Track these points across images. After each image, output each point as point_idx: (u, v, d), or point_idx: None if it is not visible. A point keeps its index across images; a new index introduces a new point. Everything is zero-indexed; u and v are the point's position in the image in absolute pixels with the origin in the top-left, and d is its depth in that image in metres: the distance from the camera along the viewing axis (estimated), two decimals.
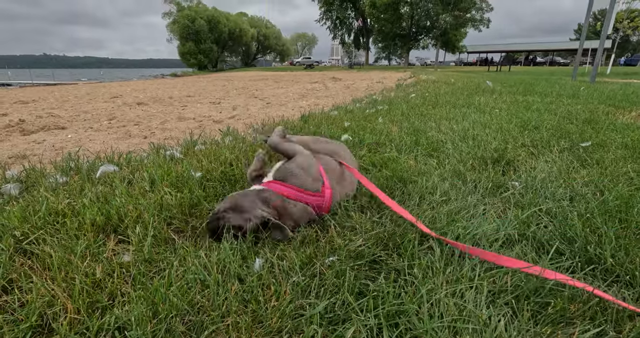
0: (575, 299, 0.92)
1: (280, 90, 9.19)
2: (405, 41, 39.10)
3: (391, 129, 2.84)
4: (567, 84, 6.89)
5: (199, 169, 1.76)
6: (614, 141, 2.26)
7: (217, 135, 2.68)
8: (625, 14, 17.90)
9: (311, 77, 18.38)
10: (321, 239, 1.27)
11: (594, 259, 1.09)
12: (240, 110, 4.89)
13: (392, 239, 1.24)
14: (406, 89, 6.22)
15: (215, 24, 49.90)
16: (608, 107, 3.62)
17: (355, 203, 1.54)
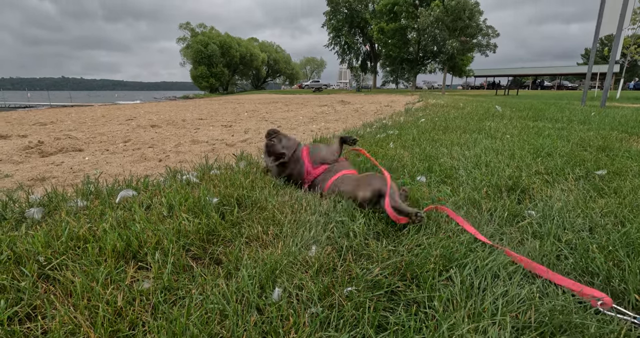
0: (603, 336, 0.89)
1: (290, 114, 9.36)
2: (413, 65, 39.86)
3: (403, 154, 2.86)
4: (577, 109, 6.90)
5: (215, 194, 1.79)
6: (630, 169, 2.24)
7: (231, 159, 2.73)
8: (632, 39, 18.11)
9: (320, 100, 18.72)
10: (338, 268, 1.26)
11: (618, 294, 1.06)
12: (252, 133, 4.98)
13: (409, 269, 1.23)
14: (415, 113, 6.29)
15: (227, 48, 51.73)
16: (621, 134, 3.61)
17: (371, 230, 1.54)
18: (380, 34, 38.84)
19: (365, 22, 46.35)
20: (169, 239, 1.30)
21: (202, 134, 5.30)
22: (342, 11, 47.38)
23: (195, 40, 50.17)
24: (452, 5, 28.88)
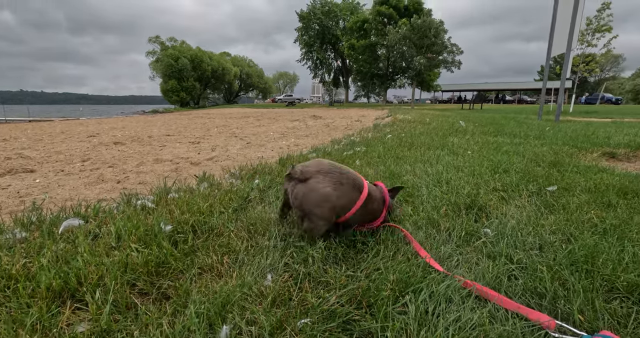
0: None
1: (261, 129, 9.31)
2: (383, 80, 41.05)
3: (367, 172, 2.88)
4: (534, 124, 7.30)
5: (170, 220, 1.71)
6: (578, 184, 2.36)
7: (192, 181, 2.65)
8: (580, 58, 19.59)
9: (292, 114, 18.80)
10: (294, 298, 1.23)
11: (564, 315, 1.09)
12: (220, 151, 4.89)
13: (366, 296, 1.21)
14: (383, 128, 6.43)
15: (198, 62, 51.24)
16: (572, 149, 3.83)
17: (330, 253, 1.52)
18: (351, 50, 39.91)
19: (337, 39, 47.52)
20: (112, 274, 1.22)
21: (167, 151, 5.14)
22: (313, 27, 48.37)
23: (166, 54, 49.38)
24: (418, 24, 30.20)
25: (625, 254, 1.40)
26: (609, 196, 2.11)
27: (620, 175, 2.61)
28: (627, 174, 2.66)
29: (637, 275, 1.24)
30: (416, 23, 30.31)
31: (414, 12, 36.74)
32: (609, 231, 1.59)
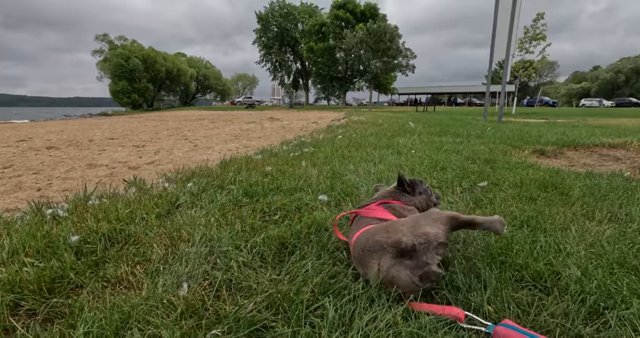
0: None
1: (214, 131, 9.02)
2: (342, 83, 41.73)
3: (311, 173, 2.85)
4: (479, 124, 7.72)
5: (82, 229, 1.55)
6: (506, 180, 2.49)
7: (121, 186, 2.46)
8: (520, 64, 21.17)
9: (250, 116, 18.49)
10: (209, 307, 1.14)
11: (476, 307, 1.11)
12: (163, 154, 4.63)
13: (285, 300, 1.16)
14: (336, 130, 6.47)
15: (151, 63, 48.91)
16: (506, 147, 4.07)
17: (257, 257, 1.45)
18: (310, 52, 40.15)
19: (296, 41, 47.61)
20: None
21: (105, 156, 4.79)
22: (272, 29, 48.10)
23: (115, 54, 46.58)
24: (374, 28, 31.07)
25: (537, 244, 1.47)
26: (531, 190, 2.24)
27: (544, 171, 2.80)
28: (550, 169, 2.86)
29: (544, 264, 1.30)
30: (372, 27, 31.16)
31: (370, 17, 37.76)
32: (526, 223, 1.67)
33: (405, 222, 1.22)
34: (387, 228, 1.22)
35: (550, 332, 0.99)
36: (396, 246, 1.13)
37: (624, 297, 1.08)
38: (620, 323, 1.00)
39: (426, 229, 1.12)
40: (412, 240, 1.10)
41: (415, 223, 1.18)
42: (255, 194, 2.24)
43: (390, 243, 1.14)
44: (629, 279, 1.18)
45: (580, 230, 1.64)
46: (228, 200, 2.11)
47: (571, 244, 1.47)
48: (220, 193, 2.22)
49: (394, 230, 1.18)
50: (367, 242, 1.22)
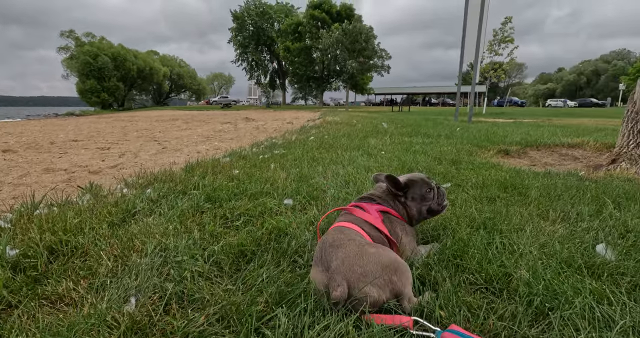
0: None
1: (186, 132, 8.79)
2: (319, 83, 41.79)
3: (279, 175, 2.82)
4: (448, 125, 7.90)
5: (23, 242, 1.45)
6: (469, 180, 2.55)
7: (72, 193, 2.33)
8: (490, 65, 21.91)
9: (225, 117, 18.17)
10: (156, 323, 1.09)
11: (428, 313, 1.11)
12: (129, 157, 4.46)
13: (237, 312, 1.12)
14: (309, 131, 6.45)
15: (121, 61, 47.13)
16: (473, 147, 4.17)
17: (214, 266, 1.40)
18: (287, 52, 39.95)
19: (272, 40, 47.22)
20: None
21: (66, 159, 4.55)
22: (248, 28, 47.49)
23: (82, 51, 44.56)
24: (349, 29, 31.28)
25: (493, 246, 1.50)
26: (492, 191, 2.29)
27: (506, 171, 2.88)
28: (512, 170, 2.95)
29: (497, 266, 1.33)
30: (347, 28, 31.37)
31: (345, 18, 38.01)
32: (482, 224, 1.70)
33: (373, 270, 1.07)
34: (361, 257, 1.10)
35: (497, 335, 1.01)
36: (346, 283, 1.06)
37: (568, 297, 1.11)
38: (563, 324, 1.03)
39: (373, 292, 1.04)
40: (353, 292, 1.04)
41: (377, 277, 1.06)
42: (218, 199, 2.18)
43: (347, 278, 1.06)
44: (574, 279, 1.22)
45: (534, 230, 1.69)
46: (189, 206, 2.04)
47: (525, 245, 1.51)
48: (182, 199, 2.15)
49: (361, 271, 1.07)
50: (338, 252, 1.13)
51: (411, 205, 1.50)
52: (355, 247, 1.13)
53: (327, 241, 1.21)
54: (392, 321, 1.02)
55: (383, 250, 1.14)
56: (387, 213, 1.44)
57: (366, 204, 1.44)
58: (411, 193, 1.50)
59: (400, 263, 1.11)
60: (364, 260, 1.08)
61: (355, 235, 1.25)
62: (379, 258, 1.09)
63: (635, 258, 1.37)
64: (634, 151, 3.06)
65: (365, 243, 1.17)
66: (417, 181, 1.52)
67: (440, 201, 1.52)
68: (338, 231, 1.26)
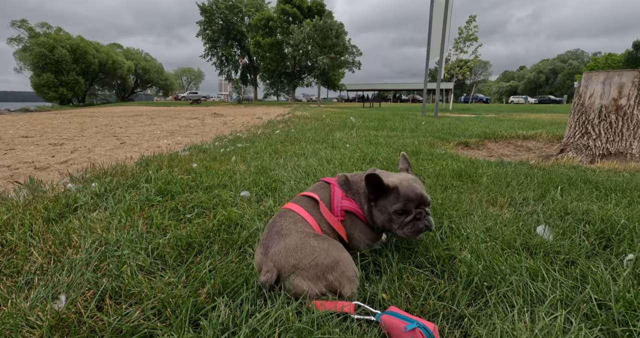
0: None
1: (149, 128, 8.45)
2: (291, 79, 41.47)
3: (239, 168, 2.75)
4: (415, 119, 8.08)
5: None
6: (426, 170, 2.60)
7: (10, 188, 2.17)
8: (455, 63, 22.59)
9: (193, 112, 17.64)
10: (85, 319, 1.02)
11: (371, 296, 1.11)
12: (81, 152, 4.21)
13: (175, 305, 1.08)
14: (276, 125, 6.37)
15: (81, 54, 44.52)
16: (434, 139, 4.28)
17: (159, 259, 1.34)
18: (257, 47, 39.29)
19: (242, 35, 46.29)
20: None
21: (11, 156, 4.24)
22: (217, 22, 46.27)
23: (36, 43, 41.64)
24: (320, 25, 31.20)
25: (442, 230, 1.53)
26: (447, 179, 2.35)
27: (462, 161, 2.97)
28: (468, 160, 3.04)
29: (443, 249, 1.35)
30: (318, 23, 31.28)
31: (316, 13, 37.89)
32: (432, 210, 1.73)
33: (307, 265, 1.05)
34: (300, 250, 1.07)
35: (436, 314, 1.02)
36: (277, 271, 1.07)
37: (505, 276, 1.15)
38: (499, 301, 1.06)
39: (303, 285, 1.04)
40: (285, 282, 1.06)
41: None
42: (170, 192, 2.10)
43: (279, 267, 1.07)
44: (512, 258, 1.27)
45: (482, 215, 1.74)
46: (138, 200, 1.95)
47: (472, 229, 1.55)
48: (130, 193, 2.05)
49: (295, 263, 1.06)
50: (283, 241, 1.11)
51: (376, 215, 1.26)
52: (298, 239, 1.11)
53: (275, 226, 1.19)
54: (334, 307, 1.01)
55: (328, 246, 1.09)
56: (351, 214, 1.28)
57: (338, 195, 1.29)
58: (382, 202, 1.23)
59: (341, 263, 1.06)
60: (302, 253, 1.06)
61: (304, 226, 1.18)
62: (317, 254, 1.06)
63: (571, 237, 1.45)
64: (580, 141, 3.25)
65: (311, 235, 1.13)
66: (394, 192, 1.21)
67: (407, 232, 1.22)
68: (290, 218, 1.20)
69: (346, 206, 1.27)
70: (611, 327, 0.94)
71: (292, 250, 1.07)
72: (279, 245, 1.10)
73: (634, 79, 2.97)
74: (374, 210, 1.26)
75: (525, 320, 0.98)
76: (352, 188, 1.32)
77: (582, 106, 3.28)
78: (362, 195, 1.29)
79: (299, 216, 1.21)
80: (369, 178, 1.19)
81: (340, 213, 1.26)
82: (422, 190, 1.24)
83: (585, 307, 1.02)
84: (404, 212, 1.20)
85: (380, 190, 1.22)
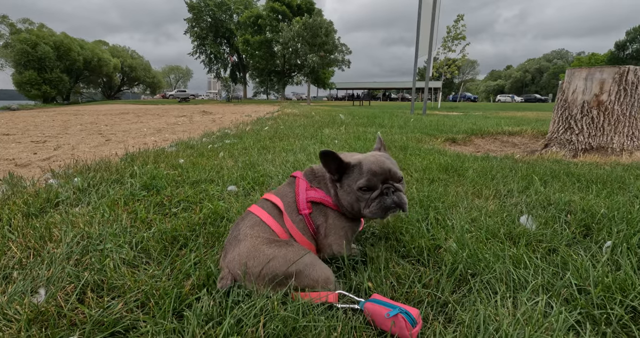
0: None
1: (136, 125, 8.32)
2: (280, 77, 41.31)
3: (227, 163, 2.73)
4: (404, 117, 8.13)
5: None
6: (414, 164, 2.62)
7: None
8: (444, 62, 22.80)
9: (182, 110, 17.42)
10: (65, 313, 1.00)
11: (357, 285, 1.11)
12: (65, 149, 4.12)
13: (159, 297, 1.06)
14: (265, 122, 6.34)
15: (65, 51, 43.49)
16: (423, 136, 4.31)
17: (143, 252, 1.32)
18: (246, 45, 39.00)
19: (231, 33, 45.86)
20: None
21: None
22: (205, 19, 45.72)
23: (19, 39, 40.52)
24: (309, 23, 31.14)
25: (427, 221, 1.54)
26: (434, 173, 2.37)
27: (449, 156, 3.00)
28: (455, 155, 3.08)
29: (428, 239, 1.36)
30: (308, 21, 31.21)
31: (306, 11, 37.78)
32: (419, 202, 1.75)
33: (260, 272, 1.02)
34: (253, 258, 1.04)
35: (421, 301, 1.03)
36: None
37: (489, 263, 1.17)
38: (483, 287, 1.08)
39: (262, 292, 1.02)
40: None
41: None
42: (156, 187, 2.07)
43: (234, 273, 1.06)
44: (496, 247, 1.29)
45: (468, 206, 1.76)
46: (122, 195, 1.92)
47: (457, 220, 1.57)
48: (114, 187, 2.01)
49: (249, 271, 1.04)
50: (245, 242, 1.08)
51: (342, 196, 1.16)
52: (252, 246, 1.05)
53: (235, 230, 1.14)
54: (318, 296, 1.00)
55: (285, 252, 1.04)
56: (319, 205, 1.19)
57: (302, 186, 1.21)
58: (346, 181, 1.15)
59: (298, 270, 1.01)
60: (256, 261, 1.03)
61: (262, 231, 1.11)
62: (271, 262, 1.02)
63: (553, 226, 1.48)
64: (563, 136, 3.31)
65: (265, 241, 1.07)
66: (357, 168, 1.14)
67: (374, 210, 1.11)
68: (248, 222, 1.14)
69: (311, 196, 1.18)
70: (590, 310, 0.96)
71: (245, 258, 1.04)
72: (234, 251, 1.07)
73: (615, 75, 3.05)
74: (340, 193, 1.16)
75: (508, 305, 0.99)
76: (317, 177, 1.24)
77: (565, 102, 3.35)
78: (329, 180, 1.20)
79: (258, 219, 1.14)
80: (324, 154, 1.10)
81: (307, 206, 1.17)
82: (392, 165, 1.15)
83: (566, 292, 1.04)
84: (368, 188, 1.11)
85: (341, 168, 1.14)
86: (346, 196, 1.15)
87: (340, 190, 1.16)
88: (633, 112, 3.10)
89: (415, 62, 11.99)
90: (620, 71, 3.03)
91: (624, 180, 2.14)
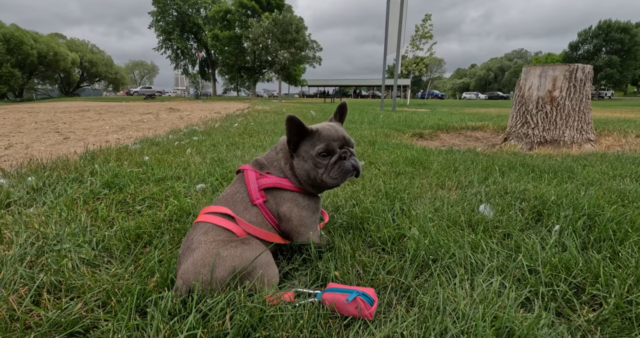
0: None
1: (97, 123, 7.92)
2: (251, 74, 40.65)
3: (194, 160, 2.67)
4: (373, 113, 8.27)
5: None
6: (381, 158, 2.68)
7: None
8: (412, 60, 23.38)
9: (147, 107, 16.75)
10: (18, 316, 0.95)
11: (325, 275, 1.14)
12: (18, 148, 3.87)
13: (122, 294, 1.03)
14: (235, 118, 6.25)
15: (16, 44, 40.52)
16: (391, 131, 4.41)
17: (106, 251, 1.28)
18: (215, 40, 38.02)
19: (199, 27, 44.55)
20: None
21: None
22: (171, 13, 44.10)
23: None
24: (280, 19, 30.83)
25: (392, 212, 1.59)
26: (401, 166, 2.44)
27: (416, 150, 3.10)
28: (421, 149, 3.18)
29: (393, 228, 1.41)
30: (278, 17, 30.89)
31: (275, 7, 37.35)
32: (385, 194, 1.80)
33: (216, 278, 0.98)
34: (207, 265, 0.99)
35: (386, 287, 1.07)
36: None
37: (449, 249, 1.22)
38: (443, 272, 1.13)
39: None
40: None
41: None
42: (118, 185, 1.99)
43: (188, 284, 0.99)
44: (456, 234, 1.35)
45: (432, 197, 1.83)
46: (82, 194, 1.83)
47: (421, 210, 1.63)
48: (73, 186, 1.92)
49: (204, 279, 0.98)
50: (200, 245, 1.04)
51: (299, 166, 1.15)
52: (206, 252, 1.00)
53: (187, 242, 1.07)
54: (276, 297, 1.00)
55: (242, 251, 1.01)
56: (273, 190, 1.17)
57: (252, 177, 1.18)
58: (303, 148, 1.14)
59: (258, 267, 1.00)
60: (211, 267, 0.98)
61: (217, 234, 1.07)
62: (226, 266, 0.98)
63: (508, 213, 1.57)
64: (520, 130, 3.51)
65: (223, 244, 1.03)
66: (315, 134, 1.14)
67: (334, 175, 1.13)
68: (201, 229, 1.09)
69: (264, 183, 1.16)
70: (538, 288, 1.03)
71: (200, 266, 0.98)
72: (188, 261, 1.01)
73: (565, 73, 3.26)
74: (297, 163, 1.15)
75: (466, 287, 1.05)
76: (267, 162, 1.22)
77: (522, 98, 3.54)
78: (282, 158, 1.19)
79: (210, 225, 1.09)
80: (290, 119, 1.08)
81: (261, 194, 1.15)
82: (345, 132, 1.18)
83: (518, 273, 1.12)
84: (327, 152, 1.12)
85: (300, 135, 1.13)
86: (304, 164, 1.15)
87: (297, 160, 1.16)
88: (582, 107, 3.33)
89: (385, 59, 12.20)
90: (570, 69, 3.24)
91: (573, 170, 2.31)
